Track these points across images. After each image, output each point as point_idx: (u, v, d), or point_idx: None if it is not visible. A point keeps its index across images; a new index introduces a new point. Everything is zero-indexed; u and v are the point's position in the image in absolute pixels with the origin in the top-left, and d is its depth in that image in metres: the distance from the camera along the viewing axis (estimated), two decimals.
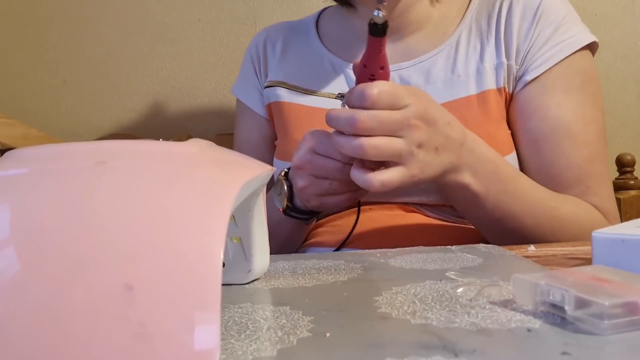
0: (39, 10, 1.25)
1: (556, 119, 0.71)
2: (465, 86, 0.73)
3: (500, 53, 0.74)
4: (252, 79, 0.89)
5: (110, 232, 0.25)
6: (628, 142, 1.18)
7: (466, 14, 0.78)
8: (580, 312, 0.29)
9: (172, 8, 1.23)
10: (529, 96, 0.73)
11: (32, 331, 0.22)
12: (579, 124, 0.71)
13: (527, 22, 0.73)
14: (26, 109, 1.25)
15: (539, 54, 0.72)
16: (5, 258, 0.24)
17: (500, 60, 0.73)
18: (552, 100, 0.71)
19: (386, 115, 0.53)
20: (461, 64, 0.75)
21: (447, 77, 0.75)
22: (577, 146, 0.71)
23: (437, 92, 0.72)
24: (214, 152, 0.33)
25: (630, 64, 1.18)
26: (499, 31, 0.74)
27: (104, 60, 1.24)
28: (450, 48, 0.76)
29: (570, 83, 0.72)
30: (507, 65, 0.73)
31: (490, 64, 0.74)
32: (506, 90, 0.74)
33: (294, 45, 0.87)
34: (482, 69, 0.73)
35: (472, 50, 0.75)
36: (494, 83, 0.73)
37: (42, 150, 0.30)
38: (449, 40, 0.77)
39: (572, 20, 0.75)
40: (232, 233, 0.43)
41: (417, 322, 0.31)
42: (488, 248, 0.53)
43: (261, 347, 0.28)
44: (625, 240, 0.39)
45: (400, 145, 0.54)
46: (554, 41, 0.72)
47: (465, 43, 0.76)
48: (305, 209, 0.67)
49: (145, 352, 0.22)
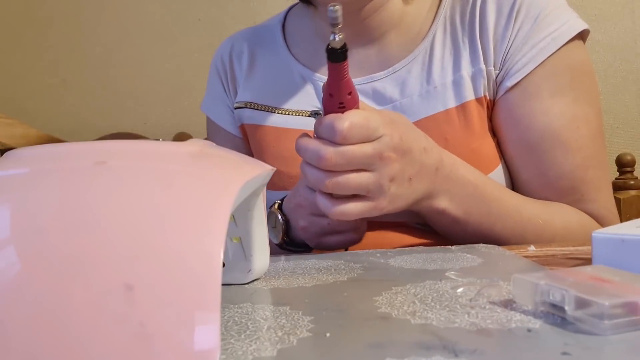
0: (39, 11, 1.25)
1: (543, 127, 0.65)
2: (443, 98, 0.68)
3: (478, 58, 0.68)
4: (222, 96, 0.83)
5: (110, 232, 0.25)
6: (628, 142, 1.18)
7: (439, 11, 0.72)
8: (580, 312, 0.29)
9: (172, 8, 1.23)
10: (512, 104, 0.67)
11: (32, 331, 0.22)
12: (569, 129, 0.66)
13: (503, 18, 0.67)
14: (26, 109, 1.25)
15: (519, 55, 0.66)
16: (5, 258, 0.24)
17: (479, 67, 0.67)
18: (537, 106, 0.66)
19: (357, 150, 0.50)
20: (437, 72, 0.69)
21: (422, 88, 0.69)
22: (568, 154, 0.66)
23: (414, 106, 0.69)
24: (213, 152, 0.33)
25: (629, 63, 1.18)
26: (474, 31, 0.68)
27: (104, 60, 1.24)
28: (424, 53, 0.71)
29: (557, 83, 0.66)
30: (487, 72, 0.67)
31: (467, 72, 0.68)
32: (487, 98, 0.68)
33: (261, 57, 0.81)
34: (459, 79, 0.68)
35: (448, 55, 0.70)
36: (473, 93, 0.67)
37: (42, 150, 0.30)
38: (422, 44, 0.71)
39: (557, 7, 0.67)
40: (232, 233, 0.43)
41: (417, 322, 0.31)
42: (488, 248, 0.53)
43: (261, 347, 0.28)
44: (625, 240, 0.39)
45: (368, 181, 0.51)
46: (536, 38, 0.66)
47: (441, 47, 0.70)
48: (301, 242, 0.63)
49: (145, 352, 0.22)
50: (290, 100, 0.75)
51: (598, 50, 1.18)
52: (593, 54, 1.17)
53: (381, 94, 0.71)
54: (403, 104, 0.69)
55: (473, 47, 0.68)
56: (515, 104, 0.66)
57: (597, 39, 1.17)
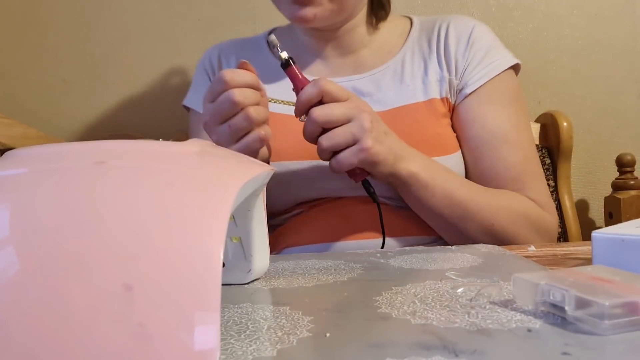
0: (39, 10, 1.25)
1: (494, 126, 0.80)
2: (414, 94, 0.82)
3: (442, 68, 0.83)
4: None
5: (110, 232, 0.25)
6: (628, 142, 1.18)
7: (408, 39, 0.87)
8: (580, 312, 0.29)
9: (172, 8, 1.23)
10: (469, 107, 0.82)
11: (32, 331, 0.22)
12: (514, 131, 0.80)
13: (462, 45, 0.84)
14: (26, 109, 1.25)
15: (475, 71, 0.82)
16: (5, 258, 0.24)
17: (443, 74, 0.83)
18: (489, 110, 0.81)
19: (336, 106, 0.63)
20: (408, 76, 0.83)
21: (396, 87, 0.83)
22: (513, 150, 0.79)
23: (388, 98, 0.82)
24: (213, 152, 0.33)
25: (629, 63, 1.18)
26: (439, 50, 0.84)
27: (104, 60, 1.24)
28: (396, 64, 0.85)
29: (504, 96, 0.82)
30: (449, 80, 0.82)
31: (434, 77, 0.83)
32: (449, 101, 0.83)
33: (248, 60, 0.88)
34: (427, 81, 0.83)
35: (417, 67, 0.84)
36: (438, 93, 0.82)
37: (42, 150, 0.30)
38: (394, 58, 0.85)
39: (499, 46, 0.86)
40: (232, 233, 0.43)
41: (417, 322, 0.31)
42: (488, 248, 0.53)
43: (261, 347, 0.28)
44: (625, 240, 0.39)
45: (351, 127, 0.63)
46: (486, 62, 0.83)
47: (410, 61, 0.85)
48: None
49: (145, 352, 0.22)
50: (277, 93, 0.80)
51: (598, 50, 1.18)
52: (593, 54, 1.17)
53: (359, 89, 0.83)
54: (380, 97, 0.82)
55: (439, 60, 0.84)
56: (472, 107, 0.82)
57: (597, 39, 1.17)
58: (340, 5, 0.77)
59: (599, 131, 1.18)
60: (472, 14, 1.17)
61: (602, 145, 1.18)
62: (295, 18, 0.77)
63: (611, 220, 1.06)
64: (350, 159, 0.63)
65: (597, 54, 1.18)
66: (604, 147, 1.18)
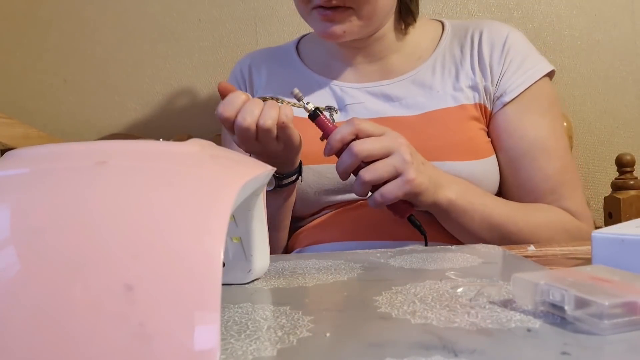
0: (40, 10, 1.25)
1: (533, 137, 0.79)
2: (444, 99, 0.81)
3: (476, 74, 0.82)
4: None
5: (110, 232, 0.25)
6: (628, 142, 1.18)
7: (439, 44, 0.86)
8: (580, 312, 0.29)
9: (172, 8, 1.23)
10: (509, 117, 0.81)
11: (32, 331, 0.22)
12: (551, 140, 0.80)
13: (497, 51, 0.83)
14: (27, 109, 1.25)
15: (514, 78, 0.81)
16: (5, 258, 0.24)
17: (476, 80, 0.81)
18: (528, 120, 0.80)
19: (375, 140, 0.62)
20: (438, 82, 0.82)
21: (426, 92, 0.82)
22: (551, 160, 0.79)
23: (418, 103, 0.81)
24: (214, 152, 0.33)
25: (629, 63, 1.18)
26: (473, 57, 0.83)
27: (105, 60, 1.24)
28: (426, 70, 0.84)
29: (542, 104, 0.81)
30: (484, 86, 0.81)
31: (465, 84, 0.82)
32: (484, 107, 0.82)
33: (278, 70, 0.91)
34: (458, 87, 0.81)
35: (448, 73, 0.83)
36: (471, 99, 0.81)
37: (43, 150, 0.30)
38: (425, 64, 0.84)
39: (534, 52, 0.85)
40: (232, 233, 0.43)
41: (417, 322, 0.31)
42: (488, 248, 0.53)
43: (261, 347, 0.28)
44: (625, 240, 0.39)
45: (393, 159, 0.62)
46: (524, 68, 0.81)
47: (441, 67, 0.84)
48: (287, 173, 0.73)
49: (145, 352, 0.22)
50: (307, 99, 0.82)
51: (598, 51, 1.17)
52: (593, 55, 1.17)
53: (388, 94, 0.83)
54: (409, 102, 0.82)
55: (472, 67, 0.83)
56: (512, 116, 0.81)
57: (597, 39, 1.17)
58: (368, 20, 0.77)
59: (599, 131, 1.18)
60: (472, 14, 1.17)
61: (601, 146, 1.18)
62: (325, 35, 0.78)
63: (611, 220, 1.06)
64: (395, 191, 0.62)
65: (597, 54, 1.18)
66: (604, 147, 1.18)
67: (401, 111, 0.81)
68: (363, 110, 0.82)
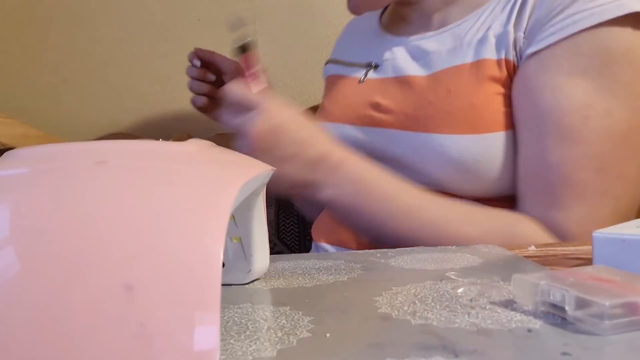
0: (39, 10, 1.25)
1: (547, 105, 0.58)
2: (463, 55, 0.66)
3: (510, 21, 0.63)
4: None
5: (110, 232, 0.25)
6: None
7: None
8: (580, 312, 0.29)
9: (172, 8, 1.23)
10: (526, 74, 0.61)
11: (32, 331, 0.22)
12: (575, 117, 0.56)
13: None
14: (26, 109, 1.25)
15: (550, 24, 0.59)
16: (5, 258, 0.24)
17: (507, 28, 0.63)
18: (549, 81, 0.58)
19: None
20: (472, 31, 0.67)
21: (456, 45, 0.68)
22: (563, 143, 0.57)
23: (436, 61, 0.69)
24: (213, 151, 0.33)
25: None
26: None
27: (104, 60, 1.24)
28: (473, 19, 0.69)
29: (581, 63, 0.57)
30: (515, 36, 0.62)
31: (494, 32, 0.64)
32: (512, 62, 0.63)
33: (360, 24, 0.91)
34: (484, 38, 0.65)
35: (489, 18, 0.67)
36: (495, 54, 0.63)
37: (42, 150, 0.30)
38: (474, 12, 0.70)
39: None
40: (232, 233, 0.43)
41: (417, 322, 0.31)
42: (488, 248, 0.53)
43: (261, 348, 0.28)
44: (626, 240, 0.39)
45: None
46: (571, 10, 0.57)
47: (488, 15, 0.67)
48: None
49: (145, 353, 0.22)
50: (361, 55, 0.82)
51: None
52: None
53: (423, 49, 0.72)
54: (433, 57, 0.70)
55: (511, 11, 0.64)
56: (529, 75, 0.60)
57: None
58: None
59: None
60: None
61: None
62: (349, 10, 0.77)
63: None
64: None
65: None
66: None
67: (418, 70, 0.71)
68: (389, 68, 0.75)
